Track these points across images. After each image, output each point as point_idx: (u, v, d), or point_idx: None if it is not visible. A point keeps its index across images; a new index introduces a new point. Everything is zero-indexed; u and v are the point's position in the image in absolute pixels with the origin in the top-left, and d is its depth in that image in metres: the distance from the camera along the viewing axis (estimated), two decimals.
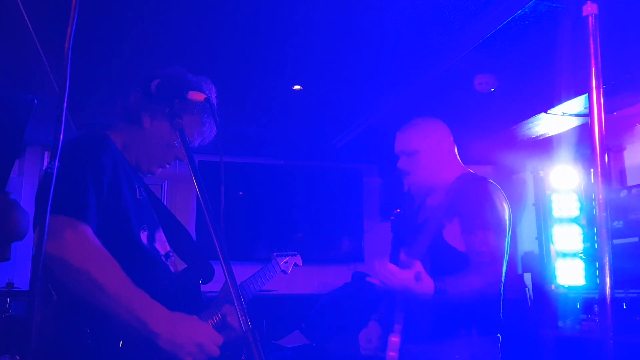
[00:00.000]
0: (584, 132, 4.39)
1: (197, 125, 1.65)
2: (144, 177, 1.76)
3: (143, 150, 1.65)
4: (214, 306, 1.71)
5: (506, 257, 2.06)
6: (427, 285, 1.84)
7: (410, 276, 1.82)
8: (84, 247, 1.38)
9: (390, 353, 2.07)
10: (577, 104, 3.71)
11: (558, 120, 4.14)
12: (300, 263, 2.37)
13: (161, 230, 1.68)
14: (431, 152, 2.18)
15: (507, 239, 2.07)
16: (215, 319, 1.66)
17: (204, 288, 1.80)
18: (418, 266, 1.85)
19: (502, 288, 2.08)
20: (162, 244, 1.65)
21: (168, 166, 1.72)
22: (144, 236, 1.57)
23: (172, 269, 1.65)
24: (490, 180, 2.16)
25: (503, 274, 2.03)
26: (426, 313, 2.00)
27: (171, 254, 1.70)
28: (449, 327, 2.01)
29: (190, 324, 1.47)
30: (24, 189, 5.12)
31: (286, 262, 2.29)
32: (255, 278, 2.01)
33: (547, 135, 4.66)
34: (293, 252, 2.37)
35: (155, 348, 1.42)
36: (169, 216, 1.82)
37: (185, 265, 1.79)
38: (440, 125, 2.27)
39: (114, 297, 1.38)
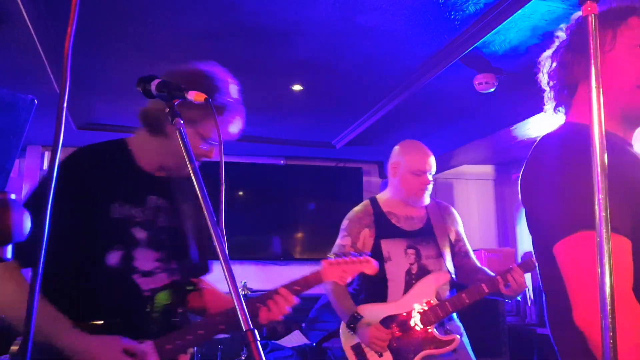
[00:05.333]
0: None
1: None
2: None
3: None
4: (190, 327, 1.62)
5: None
6: None
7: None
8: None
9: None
10: None
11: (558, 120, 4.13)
12: (371, 272, 1.84)
13: (146, 247, 1.62)
14: None
15: None
16: (178, 342, 1.57)
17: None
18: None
19: None
20: (144, 262, 1.61)
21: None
22: (114, 255, 1.55)
23: (144, 286, 1.59)
24: None
25: None
26: None
27: (157, 271, 1.63)
28: None
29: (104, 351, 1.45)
30: (24, 189, 5.12)
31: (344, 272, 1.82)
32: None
33: None
34: (363, 256, 1.84)
35: None
36: (173, 230, 1.70)
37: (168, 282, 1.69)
38: None
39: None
